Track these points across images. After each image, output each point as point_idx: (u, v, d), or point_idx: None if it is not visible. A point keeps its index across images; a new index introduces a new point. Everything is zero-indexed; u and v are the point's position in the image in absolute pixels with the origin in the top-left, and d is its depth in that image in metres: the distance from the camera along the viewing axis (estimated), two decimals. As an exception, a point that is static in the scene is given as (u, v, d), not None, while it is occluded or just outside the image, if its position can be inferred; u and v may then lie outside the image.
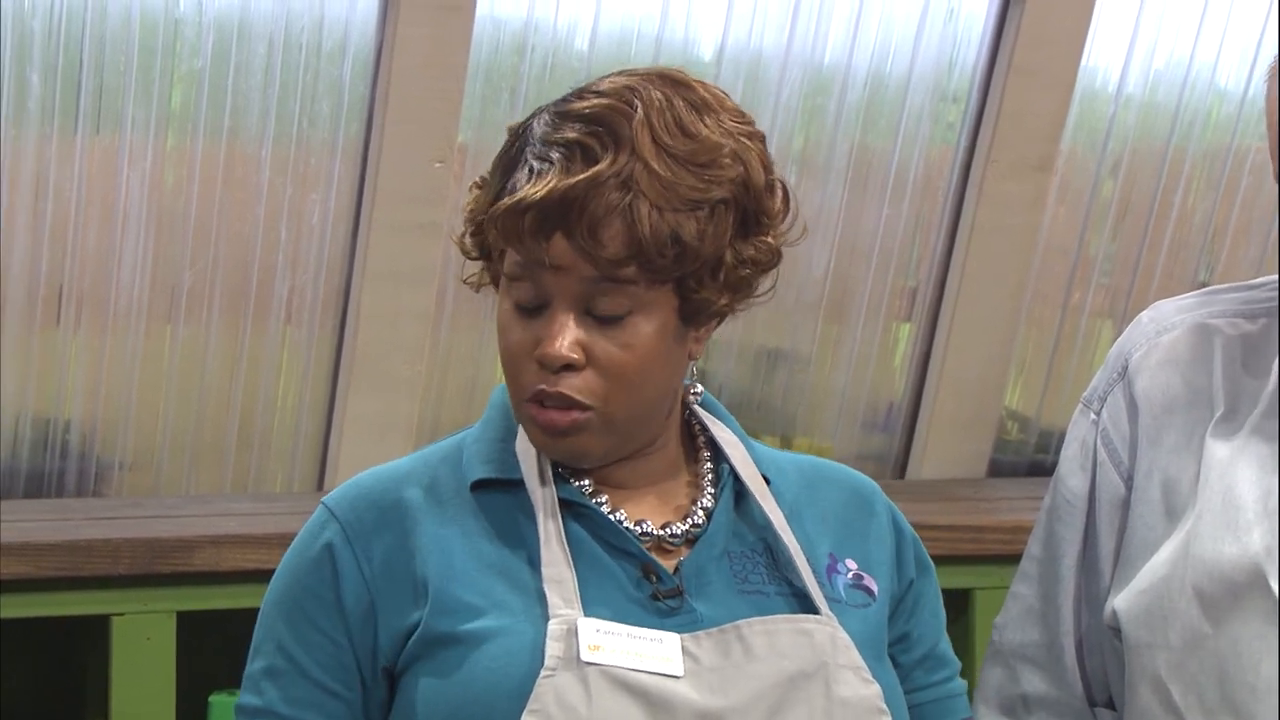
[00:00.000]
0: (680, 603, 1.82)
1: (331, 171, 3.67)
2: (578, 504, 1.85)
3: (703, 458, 1.91)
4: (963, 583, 3.77)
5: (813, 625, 1.82)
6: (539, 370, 1.79)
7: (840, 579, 1.89)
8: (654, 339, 1.80)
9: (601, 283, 1.77)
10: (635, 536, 1.84)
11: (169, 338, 3.67)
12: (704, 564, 1.85)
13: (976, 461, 4.27)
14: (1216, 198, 4.33)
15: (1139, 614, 1.88)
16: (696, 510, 1.88)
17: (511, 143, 1.83)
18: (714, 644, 1.79)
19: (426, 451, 1.93)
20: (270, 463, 3.80)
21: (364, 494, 1.87)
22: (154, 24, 3.48)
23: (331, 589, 1.83)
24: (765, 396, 4.14)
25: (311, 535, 1.87)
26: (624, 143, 1.76)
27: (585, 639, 1.76)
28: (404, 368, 3.76)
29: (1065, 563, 1.99)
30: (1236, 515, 1.83)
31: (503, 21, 3.71)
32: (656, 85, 1.81)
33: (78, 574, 3.29)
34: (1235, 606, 1.82)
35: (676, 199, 1.77)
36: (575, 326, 1.78)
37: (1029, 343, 4.32)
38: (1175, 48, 4.20)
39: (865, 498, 1.97)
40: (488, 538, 1.84)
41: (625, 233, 1.75)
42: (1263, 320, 1.93)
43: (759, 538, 1.88)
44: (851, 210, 4.06)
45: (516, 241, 1.78)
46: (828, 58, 3.96)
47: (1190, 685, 1.84)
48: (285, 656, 1.84)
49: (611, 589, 1.82)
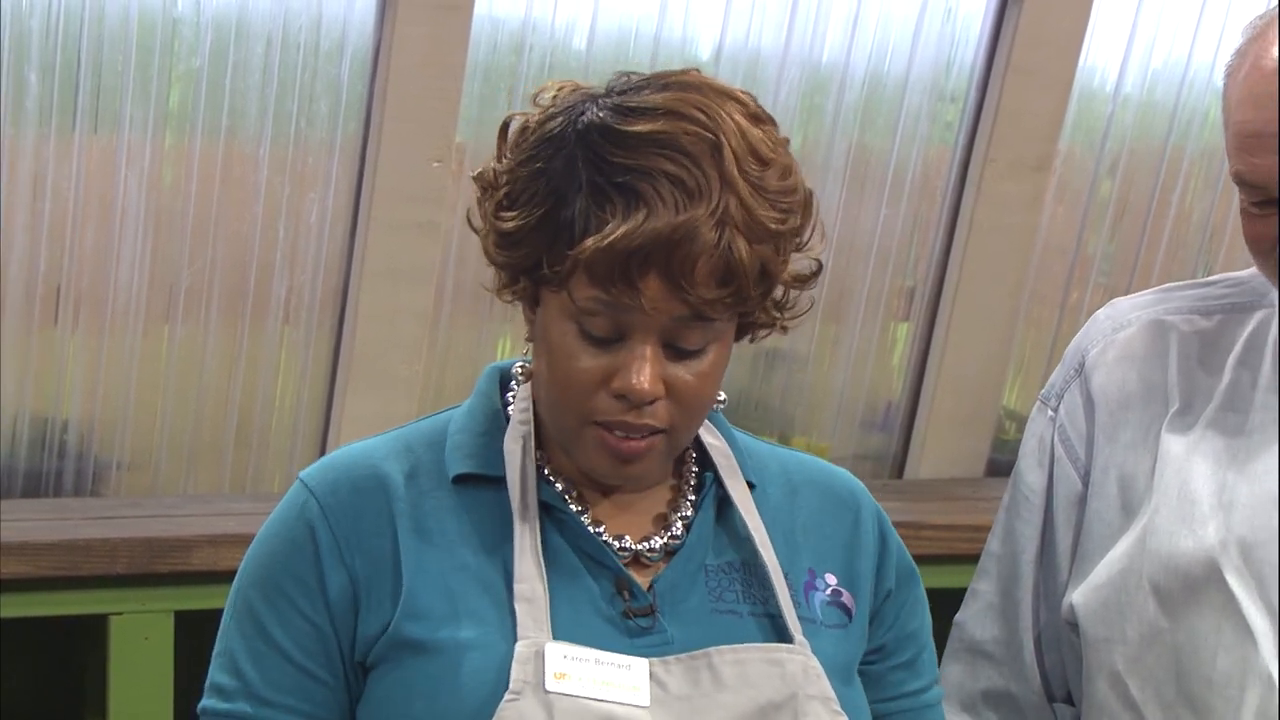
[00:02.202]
0: (652, 622, 1.79)
1: (330, 171, 3.67)
2: (557, 510, 1.82)
3: (690, 460, 1.88)
4: (960, 582, 3.74)
5: (784, 655, 1.79)
6: (613, 400, 1.73)
7: (818, 596, 1.86)
8: (722, 363, 1.77)
9: (690, 320, 1.71)
10: (613, 550, 1.82)
11: (167, 337, 3.67)
12: (679, 580, 1.82)
13: (974, 461, 4.27)
14: (1214, 197, 4.33)
15: (1096, 609, 1.89)
16: (675, 522, 1.85)
17: (551, 152, 1.73)
18: (684, 671, 1.77)
19: (408, 431, 1.87)
20: (269, 462, 3.80)
21: (345, 475, 1.82)
22: (152, 23, 3.48)
23: (314, 572, 1.79)
24: (763, 396, 4.14)
25: (290, 515, 1.82)
26: (716, 177, 1.69)
27: (551, 665, 1.73)
28: (402, 367, 3.76)
29: (1024, 559, 2.00)
30: (1192, 509, 1.85)
31: (501, 21, 3.71)
32: (715, 101, 1.73)
33: (76, 573, 3.29)
34: (1192, 600, 1.83)
35: (764, 231, 1.72)
36: (658, 360, 1.72)
37: (1027, 342, 4.32)
38: (1173, 47, 4.20)
39: (850, 505, 1.92)
40: (464, 540, 1.81)
41: (721, 270, 1.69)
42: (1218, 317, 1.94)
43: (738, 553, 1.85)
44: (850, 210, 4.06)
45: (605, 281, 1.69)
46: (826, 57, 3.96)
47: (1147, 679, 1.85)
48: (265, 638, 1.80)
49: (584, 603, 1.79)
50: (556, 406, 1.78)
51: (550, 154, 1.73)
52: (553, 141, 1.74)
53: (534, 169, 1.74)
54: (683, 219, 1.67)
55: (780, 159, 1.75)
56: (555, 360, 1.75)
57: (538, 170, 1.74)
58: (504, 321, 3.87)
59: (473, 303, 3.84)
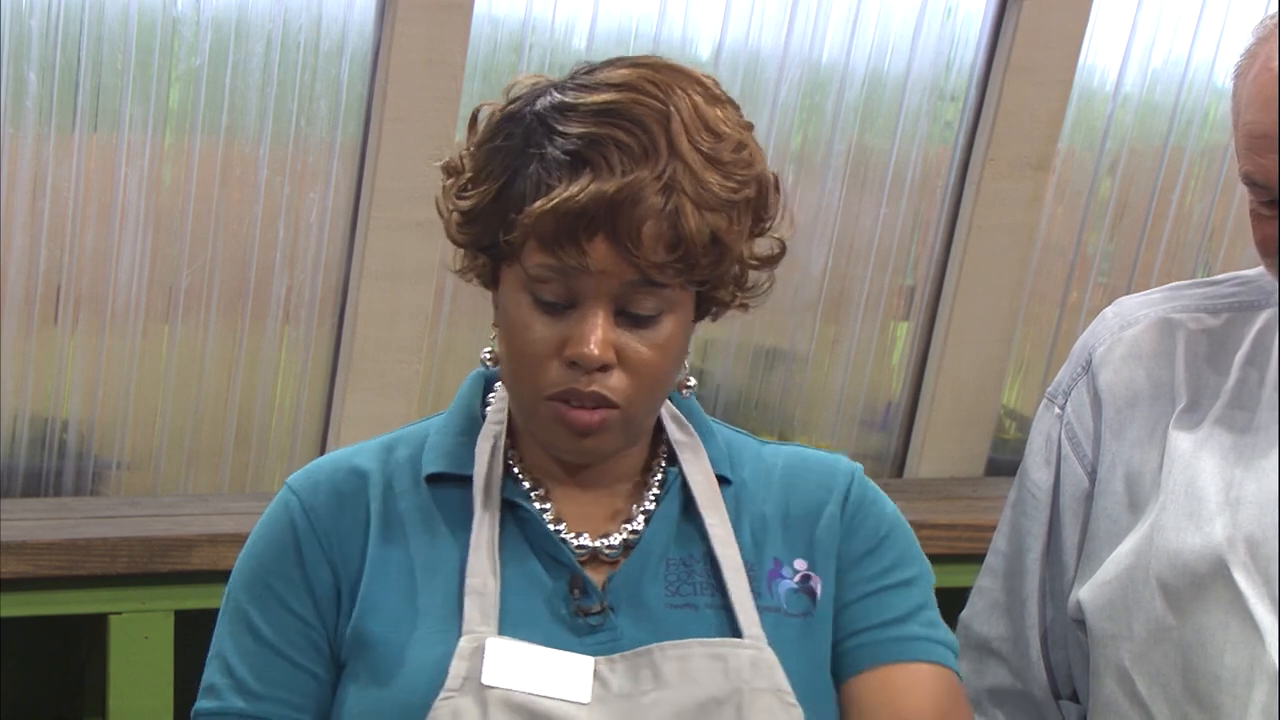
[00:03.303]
0: (601, 620, 1.79)
1: (329, 170, 3.67)
2: (520, 508, 1.83)
3: (660, 455, 1.89)
4: (961, 581, 3.75)
5: (729, 650, 1.78)
6: (567, 369, 1.75)
7: (784, 584, 1.85)
8: (678, 337, 1.78)
9: (639, 285, 1.73)
10: (571, 548, 1.82)
11: (167, 336, 3.66)
12: (637, 575, 1.82)
13: (974, 460, 4.27)
14: (1214, 196, 4.33)
15: (1103, 606, 1.89)
16: (637, 516, 1.85)
17: (509, 131, 1.77)
18: (627, 668, 1.77)
19: (396, 434, 1.91)
20: (268, 462, 3.80)
21: (326, 477, 1.86)
22: (152, 22, 3.48)
23: (299, 569, 1.82)
24: (763, 396, 4.14)
25: (275, 517, 1.86)
26: (663, 143, 1.72)
27: (492, 660, 1.75)
28: (402, 367, 3.76)
29: (1030, 556, 2.00)
30: (1199, 506, 1.85)
31: (500, 20, 3.71)
32: (671, 78, 1.76)
33: (76, 573, 3.29)
34: (1199, 597, 1.83)
35: (714, 199, 1.73)
36: (609, 326, 1.74)
37: (1027, 342, 4.32)
38: (1173, 46, 4.20)
39: (826, 484, 1.90)
40: (428, 538, 1.83)
41: (669, 235, 1.71)
42: (1225, 315, 1.94)
43: (700, 546, 1.85)
44: (849, 209, 4.06)
45: (553, 245, 1.72)
46: (826, 56, 3.96)
47: (1155, 676, 1.85)
48: (255, 636, 1.83)
49: (538, 602, 1.80)
50: (516, 383, 1.80)
51: (507, 133, 1.77)
52: (510, 121, 1.77)
53: (491, 148, 1.78)
54: (628, 180, 1.70)
55: (735, 135, 1.77)
56: (512, 333, 1.78)
57: (495, 149, 1.77)
58: (504, 321, 3.87)
59: (473, 303, 3.83)
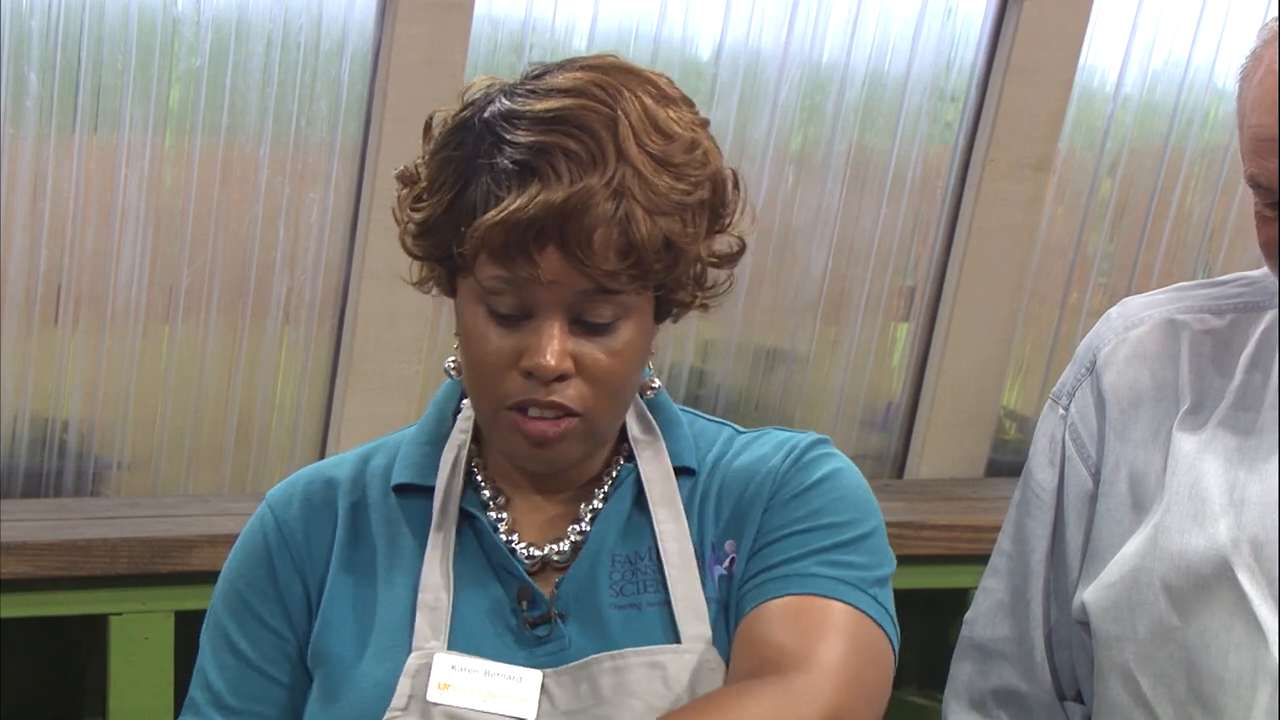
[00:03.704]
0: (548, 630, 1.78)
1: (330, 170, 3.67)
2: (475, 519, 1.82)
3: (619, 456, 1.85)
4: (960, 582, 3.78)
5: (668, 656, 1.76)
6: (524, 380, 1.73)
7: (718, 570, 1.81)
8: (637, 342, 1.76)
9: (594, 293, 1.71)
10: (520, 558, 1.81)
11: (167, 337, 3.67)
12: (584, 577, 1.80)
13: (974, 461, 4.27)
14: (1214, 197, 4.33)
15: (1107, 607, 1.88)
16: (585, 516, 1.83)
17: (459, 140, 1.73)
18: (571, 682, 1.75)
19: (376, 444, 1.91)
20: (268, 462, 3.80)
21: (300, 491, 1.87)
22: (152, 23, 3.48)
23: (271, 584, 1.83)
24: (763, 396, 4.14)
25: (252, 531, 1.87)
26: (611, 149, 1.69)
27: (437, 676, 1.73)
28: (402, 367, 3.76)
29: (1035, 557, 2.00)
30: (1203, 508, 1.84)
31: (500, 20, 3.71)
32: (620, 80, 1.74)
33: (76, 573, 3.30)
34: (1203, 598, 1.83)
35: (665, 203, 1.71)
36: (564, 336, 1.72)
37: (1027, 342, 4.32)
38: (1173, 47, 4.21)
39: (769, 460, 1.84)
40: (389, 551, 1.82)
41: (620, 242, 1.69)
42: (1230, 316, 1.94)
43: (648, 541, 1.82)
44: (849, 210, 4.06)
45: (504, 257, 1.69)
46: (826, 57, 3.96)
47: (1159, 677, 1.85)
48: (232, 650, 1.84)
49: (487, 613, 1.79)
50: (475, 394, 1.78)
51: (458, 141, 1.74)
52: (460, 129, 1.74)
53: (440, 159, 1.75)
54: (576, 189, 1.68)
55: (687, 134, 1.74)
56: (469, 344, 1.75)
57: (444, 160, 1.75)
58: (503, 321, 3.87)
59: (472, 303, 3.83)
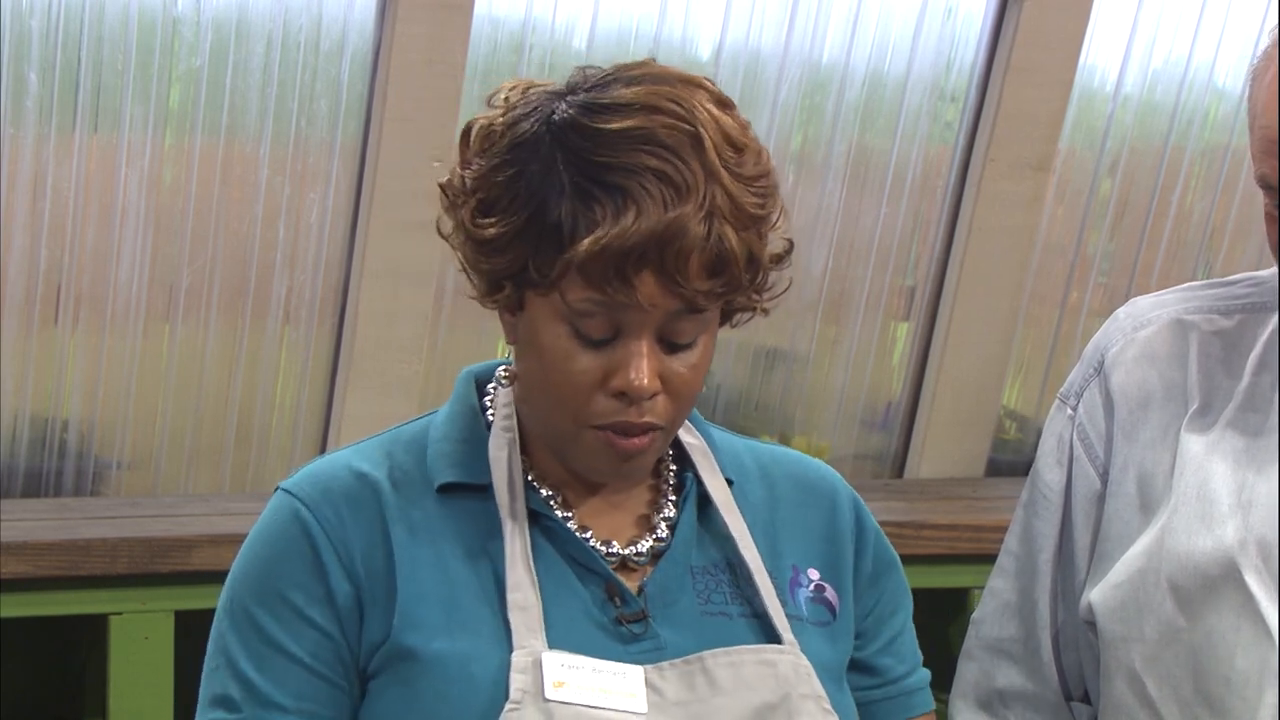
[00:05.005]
0: (644, 628, 1.78)
1: (330, 170, 3.67)
2: (545, 517, 1.80)
3: (667, 458, 1.87)
4: (960, 581, 3.78)
5: (775, 655, 1.78)
6: (612, 400, 1.72)
7: (802, 592, 1.85)
8: (710, 352, 1.76)
9: (684, 313, 1.70)
10: (601, 556, 1.80)
11: (167, 337, 3.67)
12: (668, 583, 1.80)
13: (975, 461, 4.27)
14: (1215, 196, 4.33)
15: (1114, 607, 1.88)
16: (660, 523, 1.83)
17: (528, 155, 1.70)
18: (679, 676, 1.75)
19: (387, 438, 1.85)
20: (269, 461, 3.80)
21: (333, 483, 1.79)
22: (152, 23, 3.48)
23: (319, 581, 1.75)
24: (764, 396, 4.14)
25: (282, 524, 1.78)
26: (699, 169, 1.68)
27: (550, 674, 1.72)
28: (402, 366, 3.76)
29: (1042, 557, 2.00)
30: (1211, 509, 1.84)
31: (501, 20, 3.71)
32: (686, 91, 1.72)
33: (76, 573, 3.30)
34: (1210, 599, 1.82)
35: (748, 218, 1.71)
36: (653, 355, 1.71)
37: (1027, 342, 4.32)
38: (1173, 47, 4.21)
39: (827, 494, 1.91)
40: (454, 549, 1.78)
41: (713, 262, 1.69)
42: (1238, 316, 1.94)
43: (721, 552, 1.84)
44: (850, 209, 4.07)
45: (600, 281, 1.67)
46: (826, 57, 3.97)
47: (1165, 678, 1.85)
48: (275, 647, 1.76)
49: (576, 611, 1.77)
50: (552, 411, 1.75)
51: (526, 157, 1.71)
52: (527, 145, 1.71)
53: (510, 174, 1.71)
54: (673, 215, 1.67)
55: (752, 144, 1.75)
56: (549, 364, 1.73)
57: (514, 175, 1.71)
58: (504, 322, 3.87)
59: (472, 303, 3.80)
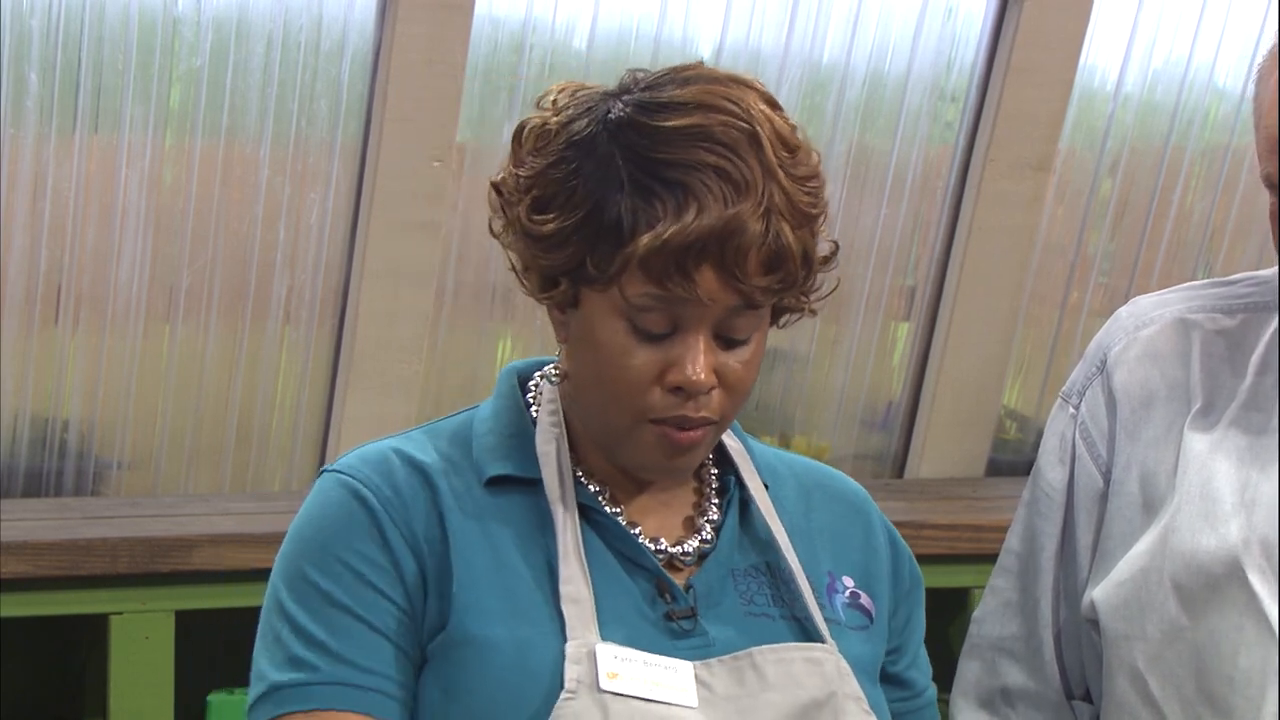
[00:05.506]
0: (693, 624, 1.80)
1: (330, 170, 3.67)
2: (594, 512, 1.82)
3: (708, 461, 1.89)
4: (961, 581, 3.78)
5: (821, 654, 1.80)
6: (668, 395, 1.74)
7: (839, 598, 1.88)
8: (762, 348, 1.78)
9: (741, 309, 1.73)
10: (651, 552, 1.82)
11: (167, 337, 3.67)
12: (714, 582, 1.83)
13: (975, 460, 4.27)
14: (1215, 196, 4.33)
15: (1117, 606, 1.88)
16: (704, 525, 1.86)
17: (585, 152, 1.74)
18: (728, 672, 1.78)
19: (430, 430, 1.86)
20: (269, 462, 3.80)
21: (387, 465, 1.79)
22: (152, 23, 3.48)
23: (384, 552, 1.76)
24: (764, 396, 4.14)
25: (338, 500, 1.78)
26: (757, 166, 1.71)
27: (604, 665, 1.73)
28: (402, 367, 3.76)
29: (1044, 556, 2.00)
30: (1214, 507, 1.84)
31: (501, 20, 3.71)
32: (740, 91, 1.75)
33: (76, 573, 3.30)
34: (1213, 598, 1.82)
35: (803, 216, 1.73)
36: (710, 350, 1.74)
37: (1027, 342, 4.32)
38: (1174, 47, 4.21)
39: (860, 509, 1.95)
40: (507, 540, 1.79)
41: (770, 259, 1.71)
42: (1241, 316, 1.94)
43: (762, 556, 1.86)
44: (850, 209, 4.07)
45: (660, 276, 1.70)
46: (826, 56, 3.97)
47: (1168, 677, 1.85)
48: (345, 610, 1.74)
49: (626, 606, 1.79)
50: (609, 406, 1.77)
51: (583, 155, 1.74)
52: (584, 143, 1.74)
53: (567, 170, 1.74)
54: (733, 212, 1.69)
55: (803, 144, 1.77)
56: (605, 358, 1.75)
57: (572, 171, 1.74)
58: (504, 321, 3.88)
59: (473, 303, 3.84)
